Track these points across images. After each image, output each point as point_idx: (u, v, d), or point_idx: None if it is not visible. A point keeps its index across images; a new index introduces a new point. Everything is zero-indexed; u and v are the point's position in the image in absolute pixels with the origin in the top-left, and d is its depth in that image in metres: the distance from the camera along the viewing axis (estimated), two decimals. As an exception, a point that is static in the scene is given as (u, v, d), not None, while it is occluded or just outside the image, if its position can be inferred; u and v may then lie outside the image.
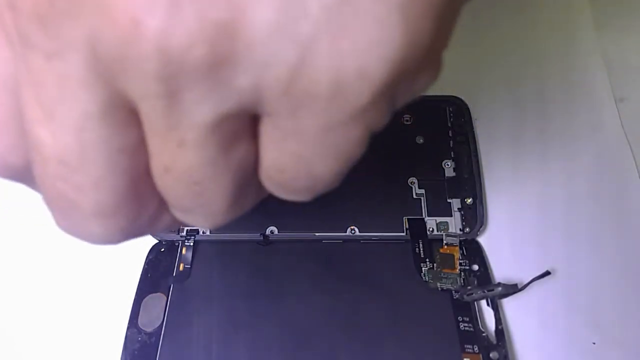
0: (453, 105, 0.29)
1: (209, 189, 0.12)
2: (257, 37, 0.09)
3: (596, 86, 0.30)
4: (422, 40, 0.10)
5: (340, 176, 0.13)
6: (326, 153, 0.12)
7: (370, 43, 0.10)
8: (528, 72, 0.31)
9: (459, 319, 0.23)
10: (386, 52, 0.10)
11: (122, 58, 0.10)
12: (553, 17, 0.33)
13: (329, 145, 0.11)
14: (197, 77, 0.10)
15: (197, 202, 0.13)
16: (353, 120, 0.11)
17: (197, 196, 0.13)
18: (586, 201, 0.26)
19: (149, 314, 0.23)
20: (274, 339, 0.23)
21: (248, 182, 0.13)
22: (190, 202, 0.13)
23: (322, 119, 0.11)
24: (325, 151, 0.11)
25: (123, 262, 0.25)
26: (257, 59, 0.10)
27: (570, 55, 0.31)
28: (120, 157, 0.12)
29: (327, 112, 0.11)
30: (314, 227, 0.25)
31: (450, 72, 0.31)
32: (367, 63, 0.10)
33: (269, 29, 0.09)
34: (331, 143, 0.11)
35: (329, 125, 0.11)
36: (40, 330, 0.24)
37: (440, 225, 0.26)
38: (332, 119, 0.11)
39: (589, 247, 0.25)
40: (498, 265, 0.25)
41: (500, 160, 0.28)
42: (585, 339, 0.23)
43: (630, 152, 0.28)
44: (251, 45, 0.10)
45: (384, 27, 0.10)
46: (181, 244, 0.25)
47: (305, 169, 0.12)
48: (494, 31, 0.32)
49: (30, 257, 0.26)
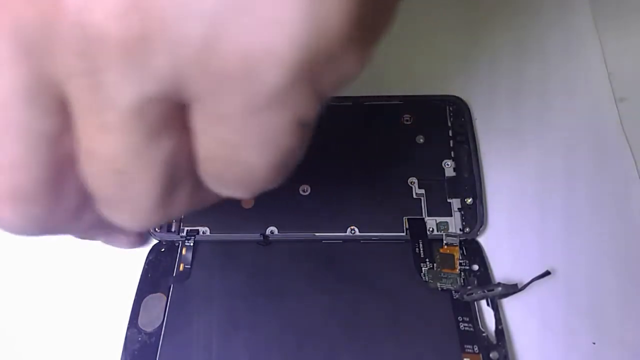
0: (453, 105, 0.29)
1: (134, 181, 0.12)
2: (167, 14, 0.10)
3: (596, 86, 0.30)
4: (333, 22, 0.10)
5: (277, 169, 0.13)
6: (254, 140, 0.11)
7: (274, 20, 0.10)
8: (528, 72, 0.31)
9: (459, 319, 0.23)
10: (291, 30, 0.10)
11: (46, 35, 0.10)
12: (553, 17, 0.33)
13: (255, 131, 0.11)
14: (116, 55, 0.10)
15: (121, 195, 0.13)
16: (274, 105, 0.11)
17: (121, 187, 0.12)
18: (586, 201, 0.26)
19: (149, 314, 0.23)
20: (274, 339, 0.23)
21: (180, 179, 0.13)
22: (115, 194, 0.13)
23: (242, 102, 0.11)
24: (253, 138, 0.11)
25: (123, 262, 0.25)
26: (169, 37, 0.10)
27: (570, 55, 0.31)
28: (41, 142, 0.12)
29: (245, 94, 0.11)
30: (314, 227, 0.25)
31: (450, 72, 0.31)
32: (273, 41, 0.10)
33: (175, 4, 0.10)
34: (257, 129, 0.11)
35: (250, 108, 0.11)
36: (40, 330, 0.24)
37: (440, 225, 0.26)
38: (252, 101, 0.11)
39: (589, 247, 0.25)
40: (498, 265, 0.25)
41: (500, 160, 0.28)
42: (585, 339, 0.23)
43: (630, 152, 0.28)
44: (162, 23, 0.10)
45: (286, 5, 0.10)
46: (181, 244, 0.25)
47: (235, 158, 0.12)
48: (494, 31, 0.32)
49: (30, 257, 0.26)
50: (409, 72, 0.31)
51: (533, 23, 0.32)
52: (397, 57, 0.31)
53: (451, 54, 0.31)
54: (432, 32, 0.32)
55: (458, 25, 0.33)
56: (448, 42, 0.32)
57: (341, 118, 0.28)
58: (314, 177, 0.27)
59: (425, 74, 0.31)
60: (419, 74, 0.31)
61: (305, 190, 0.26)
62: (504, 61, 0.31)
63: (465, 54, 0.31)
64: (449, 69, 0.31)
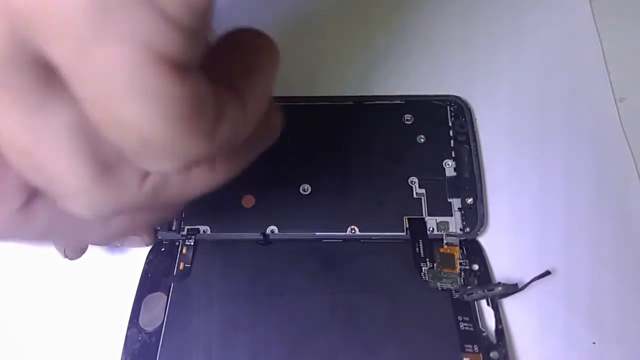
0: (454, 105, 0.29)
1: (43, 159, 0.11)
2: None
3: (596, 86, 0.30)
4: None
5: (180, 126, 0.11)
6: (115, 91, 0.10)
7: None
8: (528, 72, 0.31)
9: (459, 318, 0.23)
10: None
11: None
12: (553, 17, 0.33)
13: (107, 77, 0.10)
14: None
15: (42, 178, 0.12)
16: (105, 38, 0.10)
17: (37, 171, 0.12)
18: (586, 201, 0.26)
19: (149, 313, 0.23)
20: (273, 338, 0.23)
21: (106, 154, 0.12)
22: (38, 180, 0.12)
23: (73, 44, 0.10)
24: (109, 87, 0.10)
25: (123, 261, 0.25)
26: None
27: (570, 55, 0.31)
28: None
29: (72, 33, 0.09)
30: (314, 226, 0.25)
31: (451, 72, 0.31)
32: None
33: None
34: (106, 72, 0.10)
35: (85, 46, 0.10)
36: (40, 330, 0.24)
37: (441, 225, 0.26)
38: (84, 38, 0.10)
39: (589, 247, 0.25)
40: (498, 265, 0.25)
41: (500, 160, 0.28)
42: (585, 339, 0.23)
43: (630, 152, 0.28)
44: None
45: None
46: (181, 243, 0.25)
47: (114, 118, 0.11)
48: (495, 31, 0.32)
49: (30, 257, 0.26)
50: (409, 72, 0.31)
51: (533, 23, 0.32)
52: (398, 57, 0.31)
53: (451, 54, 0.31)
54: (433, 33, 0.32)
55: (458, 26, 0.33)
56: (448, 42, 0.32)
57: (342, 118, 0.29)
58: (314, 176, 0.27)
59: (426, 74, 0.31)
60: (419, 74, 0.31)
61: (306, 190, 0.26)
62: (503, 61, 0.31)
63: (465, 54, 0.31)
64: (449, 69, 0.31)
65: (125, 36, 0.10)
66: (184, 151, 0.12)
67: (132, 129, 0.11)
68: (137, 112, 0.10)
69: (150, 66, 0.10)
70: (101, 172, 0.12)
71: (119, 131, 0.11)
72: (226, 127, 0.12)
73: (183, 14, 0.10)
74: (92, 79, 0.10)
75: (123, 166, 0.12)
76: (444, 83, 0.30)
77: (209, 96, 0.12)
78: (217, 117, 0.12)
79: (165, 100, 0.10)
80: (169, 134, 0.11)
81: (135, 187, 0.13)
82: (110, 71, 0.10)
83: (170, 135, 0.11)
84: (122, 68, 0.10)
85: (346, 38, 0.32)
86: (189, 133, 0.11)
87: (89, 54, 0.10)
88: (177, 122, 0.11)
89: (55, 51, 0.10)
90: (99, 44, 0.10)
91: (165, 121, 0.11)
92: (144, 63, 0.10)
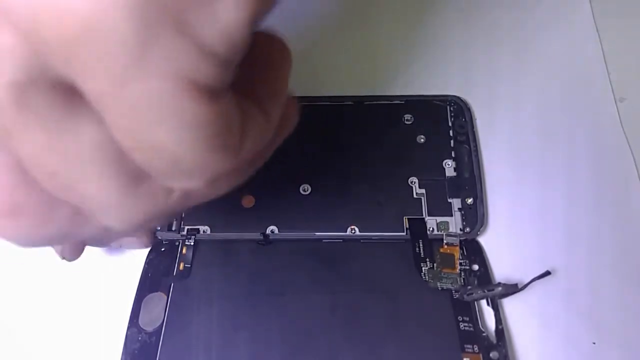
0: (454, 105, 0.29)
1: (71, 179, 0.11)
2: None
3: (596, 86, 0.30)
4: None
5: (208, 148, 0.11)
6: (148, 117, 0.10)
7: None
8: (528, 72, 0.31)
9: (459, 318, 0.23)
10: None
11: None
12: (553, 17, 0.33)
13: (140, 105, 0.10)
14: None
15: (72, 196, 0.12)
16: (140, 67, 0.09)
17: (66, 190, 0.12)
18: (586, 201, 0.26)
19: (149, 313, 0.23)
20: (274, 338, 0.23)
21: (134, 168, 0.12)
22: (67, 198, 0.12)
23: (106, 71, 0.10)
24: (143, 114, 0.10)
25: (123, 261, 0.25)
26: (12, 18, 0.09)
27: (570, 55, 0.31)
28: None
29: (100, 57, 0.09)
30: (314, 226, 0.25)
31: (451, 72, 0.31)
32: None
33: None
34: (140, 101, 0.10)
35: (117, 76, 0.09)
36: (40, 330, 0.24)
37: (441, 225, 0.26)
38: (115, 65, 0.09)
39: (589, 247, 0.25)
40: (498, 265, 0.25)
41: (500, 160, 0.28)
42: (585, 339, 0.23)
43: (630, 152, 0.28)
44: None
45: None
46: (181, 243, 0.25)
47: (144, 143, 0.11)
48: (495, 31, 0.32)
49: (30, 257, 0.26)
50: (409, 72, 0.31)
51: (533, 23, 0.32)
52: (398, 57, 0.31)
53: (451, 54, 0.31)
54: (433, 33, 0.32)
55: (458, 26, 0.33)
56: (448, 42, 0.32)
57: (342, 118, 0.29)
58: (314, 176, 0.27)
59: (426, 74, 0.31)
60: (419, 74, 0.31)
61: (306, 190, 0.26)
62: (503, 61, 0.31)
63: (465, 54, 0.31)
64: (449, 69, 0.31)
65: (164, 71, 0.10)
66: (212, 168, 0.12)
67: (163, 152, 0.11)
68: (169, 137, 0.11)
69: (185, 95, 0.10)
70: (130, 187, 0.12)
71: (147, 154, 0.11)
72: (252, 139, 0.12)
73: (221, 46, 0.10)
74: (126, 111, 0.10)
75: (151, 179, 0.12)
76: (444, 83, 0.30)
77: (237, 114, 0.12)
78: (243, 132, 0.12)
79: (197, 125, 0.11)
80: (199, 154, 0.11)
81: (165, 197, 0.13)
82: (145, 103, 0.10)
83: (199, 156, 0.11)
84: (157, 100, 0.10)
85: (346, 38, 0.32)
86: (218, 151, 0.11)
87: (124, 88, 0.10)
88: (208, 143, 0.11)
89: (87, 83, 0.10)
90: (137, 80, 0.10)
91: (197, 143, 0.11)
92: (180, 93, 0.10)
